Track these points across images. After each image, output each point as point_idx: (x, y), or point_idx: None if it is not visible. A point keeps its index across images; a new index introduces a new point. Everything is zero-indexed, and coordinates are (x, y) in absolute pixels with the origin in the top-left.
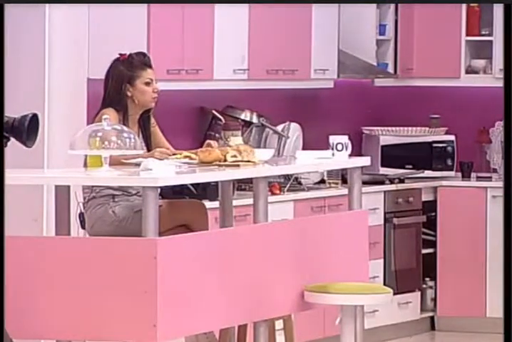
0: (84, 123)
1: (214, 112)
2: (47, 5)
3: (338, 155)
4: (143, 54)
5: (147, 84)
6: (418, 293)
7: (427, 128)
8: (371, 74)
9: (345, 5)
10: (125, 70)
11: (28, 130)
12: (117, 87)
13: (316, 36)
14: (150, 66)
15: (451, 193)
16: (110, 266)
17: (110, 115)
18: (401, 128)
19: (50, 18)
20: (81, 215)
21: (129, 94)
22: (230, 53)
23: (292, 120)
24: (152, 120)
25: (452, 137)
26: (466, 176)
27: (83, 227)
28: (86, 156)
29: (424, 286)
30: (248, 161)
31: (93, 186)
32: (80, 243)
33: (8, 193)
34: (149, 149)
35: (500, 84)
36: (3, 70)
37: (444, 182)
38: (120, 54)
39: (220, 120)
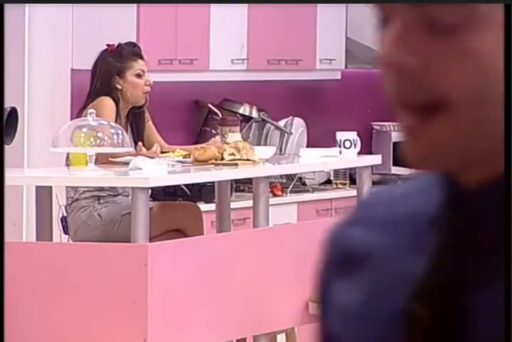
0: (68, 118)
1: (210, 105)
2: None
3: (346, 153)
4: (133, 44)
5: (139, 76)
6: None
7: None
8: None
9: None
10: (114, 62)
11: (6, 125)
12: (105, 79)
13: (322, 23)
14: (141, 57)
15: None
16: (95, 275)
17: (108, 104)
18: None
19: (31, 7)
20: (63, 219)
21: (119, 87)
22: (228, 41)
23: (296, 115)
24: (147, 114)
25: None
26: None
27: (65, 232)
28: (68, 154)
29: None
30: (247, 159)
31: (76, 186)
32: (63, 249)
33: None
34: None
35: None
36: (3, 69)
37: None
38: (108, 45)
39: (217, 114)
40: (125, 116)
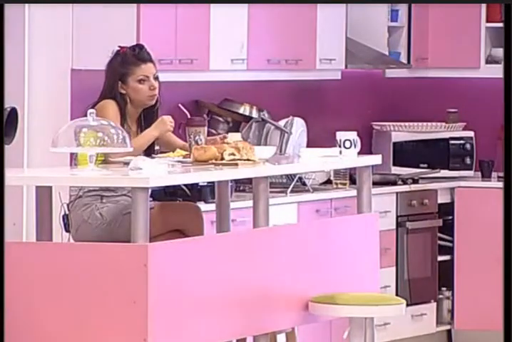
0: (68, 118)
1: (180, 105)
2: None
3: (346, 153)
4: (140, 47)
5: (141, 81)
6: (433, 305)
7: (443, 123)
8: (382, 64)
9: None
10: (118, 67)
11: (6, 125)
12: (110, 83)
13: (322, 23)
14: (145, 61)
15: (470, 194)
16: (95, 274)
17: (110, 107)
18: (415, 124)
19: (31, 6)
20: (65, 217)
21: (123, 91)
22: (228, 41)
23: (296, 115)
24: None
25: (471, 134)
26: (486, 176)
27: (67, 230)
28: (77, 154)
29: (440, 296)
30: (247, 159)
31: None
32: (64, 249)
33: None
34: (150, 150)
35: None
36: (3, 69)
37: (462, 183)
38: (120, 47)
39: (218, 114)
40: (136, 119)
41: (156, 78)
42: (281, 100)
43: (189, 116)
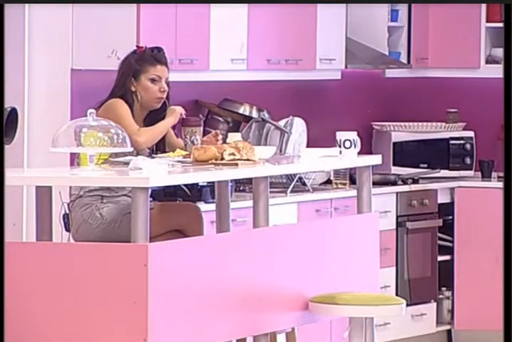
0: (68, 118)
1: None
2: None
3: (346, 153)
4: (159, 49)
5: (153, 81)
6: (433, 305)
7: (443, 123)
8: (382, 64)
9: None
10: (134, 63)
11: (6, 125)
12: (122, 79)
13: (322, 23)
14: (161, 63)
15: (470, 194)
16: (95, 274)
17: (121, 105)
18: (415, 123)
19: (31, 6)
20: (65, 216)
21: (133, 89)
22: (228, 41)
23: (296, 115)
24: None
25: (471, 133)
26: (486, 176)
27: (67, 229)
28: (79, 153)
29: (440, 296)
30: (247, 159)
31: None
32: (64, 249)
33: None
34: (158, 148)
35: None
36: (3, 69)
37: (462, 183)
38: (138, 46)
39: (218, 114)
40: (143, 120)
41: (167, 84)
42: (281, 100)
43: (184, 117)
